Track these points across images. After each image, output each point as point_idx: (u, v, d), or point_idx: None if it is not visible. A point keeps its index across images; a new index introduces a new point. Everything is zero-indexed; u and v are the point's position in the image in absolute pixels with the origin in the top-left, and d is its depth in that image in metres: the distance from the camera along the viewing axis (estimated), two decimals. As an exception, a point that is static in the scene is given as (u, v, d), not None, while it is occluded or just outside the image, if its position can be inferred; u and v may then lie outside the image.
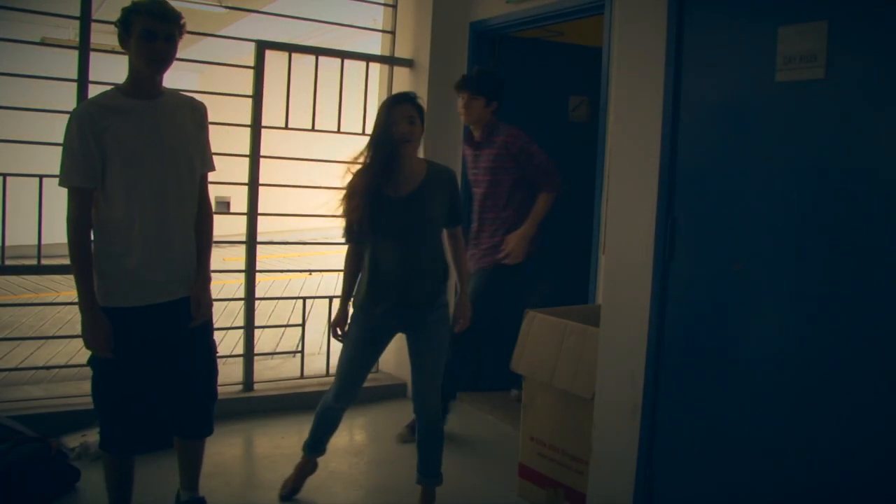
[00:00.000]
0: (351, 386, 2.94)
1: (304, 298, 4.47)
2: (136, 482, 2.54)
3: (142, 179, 2.35)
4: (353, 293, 2.90)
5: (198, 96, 2.58)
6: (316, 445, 3.10)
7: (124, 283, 2.37)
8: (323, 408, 3.03)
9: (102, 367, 2.38)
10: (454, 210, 2.86)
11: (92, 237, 2.37)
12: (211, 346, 2.61)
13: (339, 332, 2.94)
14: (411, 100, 2.78)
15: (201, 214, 2.54)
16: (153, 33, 2.31)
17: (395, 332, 2.94)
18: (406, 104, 2.76)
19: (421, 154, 4.37)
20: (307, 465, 3.12)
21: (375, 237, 2.76)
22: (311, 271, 6.57)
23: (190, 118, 2.48)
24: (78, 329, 2.38)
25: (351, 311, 2.93)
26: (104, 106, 2.34)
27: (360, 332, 2.89)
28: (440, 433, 2.94)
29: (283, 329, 5.23)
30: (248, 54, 4.10)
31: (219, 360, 2.67)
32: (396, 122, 2.71)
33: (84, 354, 2.47)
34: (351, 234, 2.84)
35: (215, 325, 2.60)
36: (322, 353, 4.44)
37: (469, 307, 2.99)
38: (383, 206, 2.73)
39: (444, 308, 2.87)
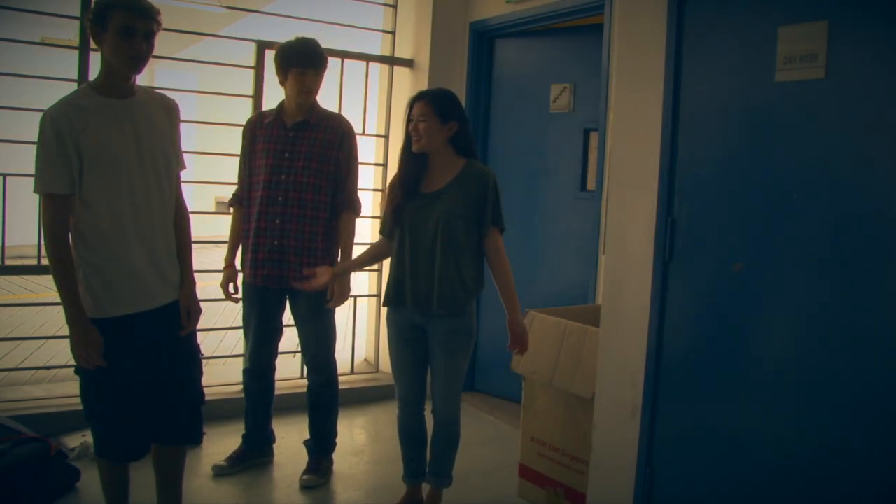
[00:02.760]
0: (407, 387, 2.86)
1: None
2: (135, 484, 2.53)
3: (123, 182, 2.26)
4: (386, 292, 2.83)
5: (198, 96, 2.56)
6: (408, 469, 2.95)
7: (112, 292, 2.29)
8: (398, 421, 2.94)
9: (92, 376, 2.31)
10: (481, 211, 2.71)
11: (72, 247, 2.26)
12: (197, 349, 2.56)
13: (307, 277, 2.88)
14: (424, 97, 2.73)
15: (178, 216, 2.46)
16: (133, 30, 2.19)
17: (426, 331, 2.79)
18: (419, 102, 2.72)
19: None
20: (410, 497, 2.97)
21: (399, 231, 2.76)
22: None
23: (164, 117, 2.39)
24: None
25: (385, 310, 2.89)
26: (80, 106, 2.23)
27: (392, 329, 2.86)
28: (454, 436, 2.89)
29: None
30: (248, 54, 4.09)
31: (219, 361, 2.65)
32: (412, 120, 2.72)
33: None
34: (383, 227, 2.86)
35: (215, 325, 2.58)
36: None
37: (524, 330, 2.79)
38: (410, 201, 2.74)
39: (467, 318, 2.76)
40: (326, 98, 4.19)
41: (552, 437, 3.03)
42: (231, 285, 3.26)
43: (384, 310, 2.92)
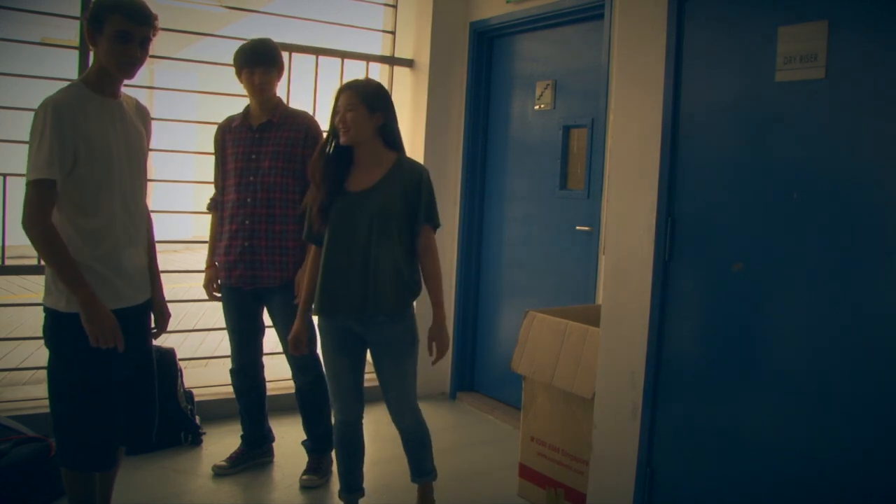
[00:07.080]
0: (346, 403, 2.72)
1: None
2: (137, 484, 2.50)
3: (114, 180, 2.25)
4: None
5: (198, 96, 2.55)
6: (345, 484, 2.81)
7: (106, 289, 2.23)
8: (335, 435, 2.81)
9: (82, 377, 2.23)
10: (414, 208, 2.59)
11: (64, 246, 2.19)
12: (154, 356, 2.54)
13: (303, 346, 2.77)
14: (349, 88, 2.58)
15: (146, 219, 2.45)
16: (129, 35, 2.17)
17: (364, 339, 2.68)
18: (346, 92, 2.56)
19: (422, 152, 4.37)
20: None
21: (328, 234, 2.59)
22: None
23: (140, 122, 2.38)
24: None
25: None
26: (78, 101, 2.19)
27: (325, 339, 2.69)
28: (424, 437, 2.81)
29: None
30: (248, 54, 4.08)
31: (219, 361, 2.64)
32: (339, 112, 2.56)
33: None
34: (310, 231, 2.69)
35: (216, 326, 2.56)
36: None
37: (445, 333, 2.67)
38: (338, 201, 2.58)
39: (409, 321, 2.65)
40: (327, 98, 4.19)
41: (552, 437, 3.03)
42: (214, 285, 3.30)
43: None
